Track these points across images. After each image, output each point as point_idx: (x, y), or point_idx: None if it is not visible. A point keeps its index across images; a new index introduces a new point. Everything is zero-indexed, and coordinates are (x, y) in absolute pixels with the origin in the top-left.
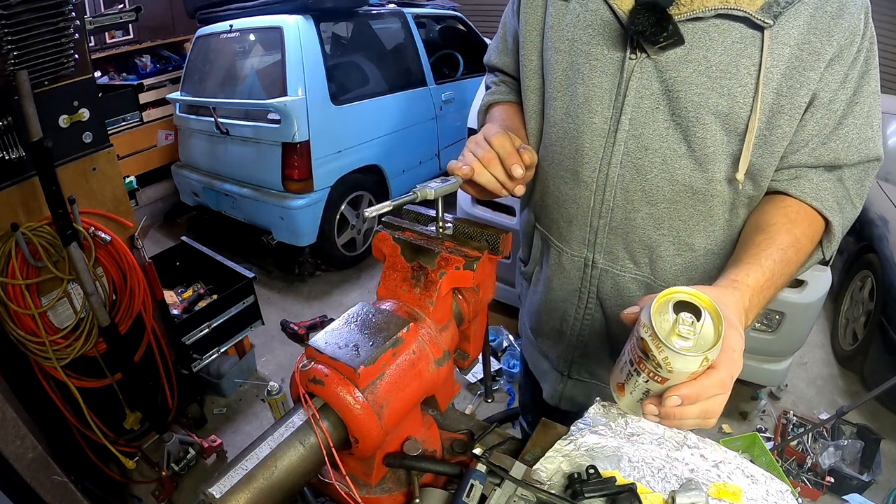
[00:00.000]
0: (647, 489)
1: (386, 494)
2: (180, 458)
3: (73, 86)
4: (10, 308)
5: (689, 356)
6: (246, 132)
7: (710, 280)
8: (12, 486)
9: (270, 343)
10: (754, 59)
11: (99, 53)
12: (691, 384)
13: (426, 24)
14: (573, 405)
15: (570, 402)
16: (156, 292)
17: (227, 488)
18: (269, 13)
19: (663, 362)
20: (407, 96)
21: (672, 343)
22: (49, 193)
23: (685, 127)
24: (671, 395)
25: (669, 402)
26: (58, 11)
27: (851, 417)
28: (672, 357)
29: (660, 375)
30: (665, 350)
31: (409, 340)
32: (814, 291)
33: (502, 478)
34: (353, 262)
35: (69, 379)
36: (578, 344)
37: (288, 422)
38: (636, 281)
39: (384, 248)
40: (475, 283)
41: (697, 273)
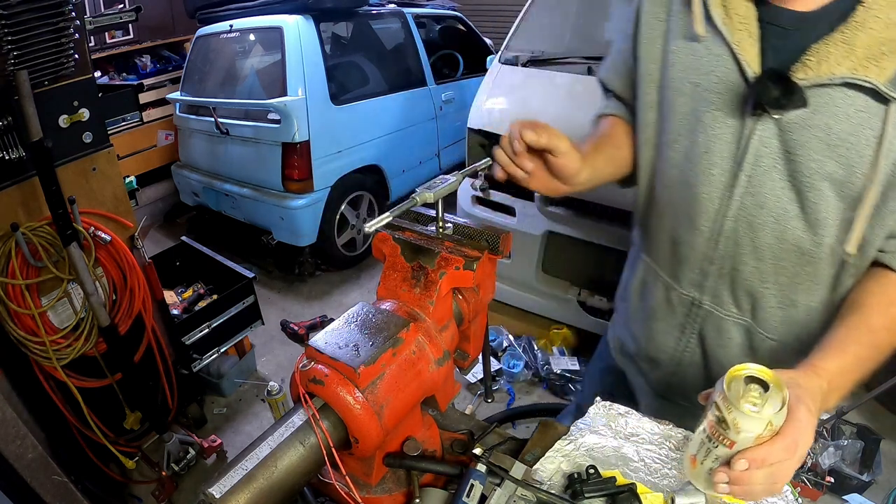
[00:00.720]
0: (647, 489)
1: (386, 494)
2: (180, 458)
3: (73, 86)
4: (10, 308)
5: (756, 418)
6: (246, 132)
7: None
8: (12, 486)
9: (270, 343)
10: (876, 130)
11: (99, 53)
12: (758, 448)
13: (426, 24)
14: None
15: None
16: (156, 292)
17: (227, 488)
18: (269, 13)
19: (732, 423)
20: (407, 96)
21: (741, 405)
22: (49, 193)
23: (799, 190)
24: (739, 458)
25: (738, 465)
26: (58, 11)
27: (851, 417)
28: (740, 418)
29: (728, 438)
30: (734, 411)
31: (409, 340)
32: None
33: (502, 478)
34: (353, 262)
35: (69, 379)
36: (678, 371)
37: (288, 422)
38: (738, 325)
39: (384, 248)
40: (475, 283)
41: (796, 327)
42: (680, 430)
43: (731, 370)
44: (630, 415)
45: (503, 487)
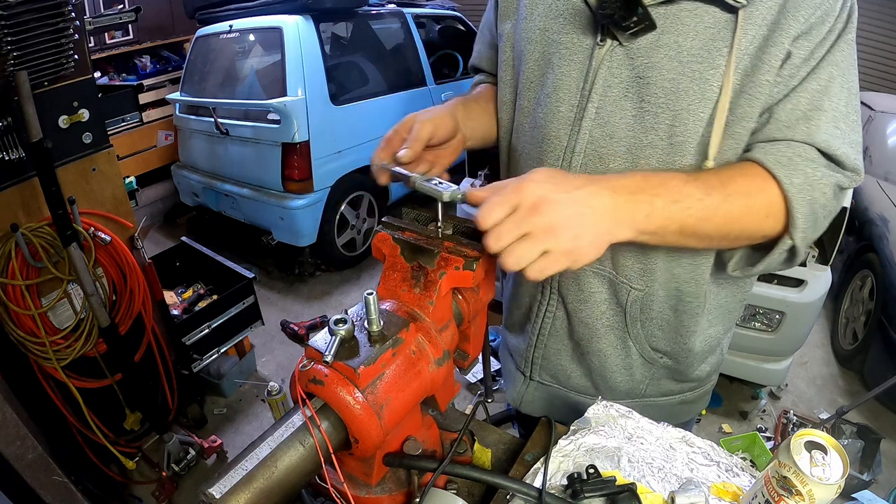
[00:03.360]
0: (647, 489)
1: (386, 494)
2: (180, 459)
3: (73, 86)
4: (10, 308)
5: (829, 485)
6: (246, 132)
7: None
8: (12, 486)
9: (270, 343)
10: (727, 41)
11: (99, 54)
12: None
13: (426, 24)
14: (533, 409)
15: (530, 405)
16: (156, 293)
17: (227, 488)
18: (268, 13)
19: (807, 495)
20: (407, 96)
21: (814, 476)
22: (49, 194)
23: (654, 114)
24: None
25: None
26: (58, 12)
27: (851, 417)
28: (815, 487)
29: None
30: (809, 483)
31: (409, 340)
32: (814, 291)
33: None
34: (353, 263)
35: (69, 379)
36: (538, 343)
37: (288, 422)
38: (597, 275)
39: (384, 248)
40: (475, 283)
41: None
42: (679, 430)
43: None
44: (630, 415)
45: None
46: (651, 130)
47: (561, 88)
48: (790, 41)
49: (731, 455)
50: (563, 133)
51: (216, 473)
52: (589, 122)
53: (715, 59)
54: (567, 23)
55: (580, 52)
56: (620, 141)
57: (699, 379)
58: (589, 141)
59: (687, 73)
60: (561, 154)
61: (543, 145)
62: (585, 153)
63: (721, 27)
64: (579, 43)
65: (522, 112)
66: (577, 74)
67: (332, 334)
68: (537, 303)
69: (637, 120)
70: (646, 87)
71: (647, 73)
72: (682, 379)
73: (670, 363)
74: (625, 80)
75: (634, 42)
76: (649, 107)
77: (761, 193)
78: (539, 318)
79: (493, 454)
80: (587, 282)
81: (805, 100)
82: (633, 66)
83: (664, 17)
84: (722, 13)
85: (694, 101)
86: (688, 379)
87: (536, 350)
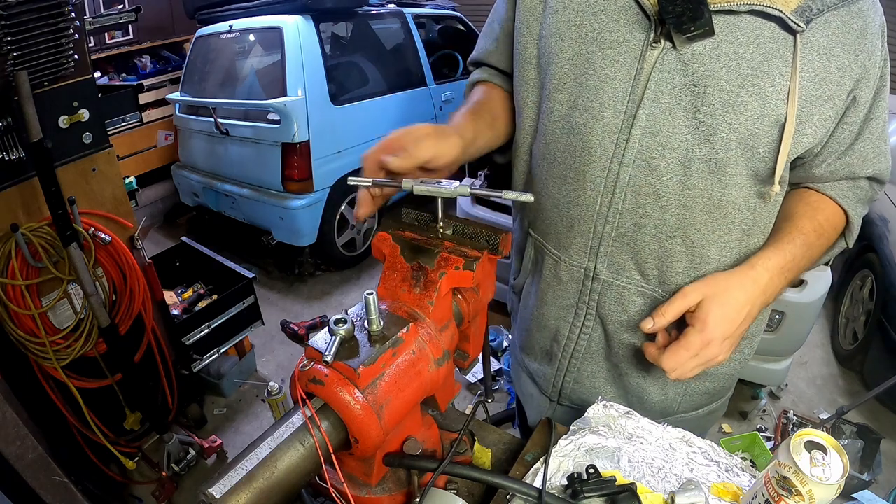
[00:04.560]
0: (647, 489)
1: (386, 494)
2: (180, 459)
3: (73, 86)
4: (10, 308)
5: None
6: (246, 132)
7: None
8: (12, 486)
9: (270, 343)
10: (787, 61)
11: (99, 54)
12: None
13: (426, 24)
14: None
15: None
16: (156, 293)
17: (227, 488)
18: (268, 13)
19: (807, 495)
20: (407, 96)
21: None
22: (49, 194)
23: (709, 126)
24: None
25: None
26: (58, 12)
27: (851, 417)
28: (815, 487)
29: None
30: (809, 483)
31: (408, 340)
32: (814, 291)
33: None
34: (353, 263)
35: (69, 379)
36: (571, 367)
37: (288, 422)
38: (642, 294)
39: (384, 248)
40: (475, 283)
41: None
42: (679, 431)
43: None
44: (630, 415)
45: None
46: (706, 142)
47: (605, 92)
48: (852, 83)
49: (731, 455)
50: (609, 141)
51: (216, 473)
52: (639, 131)
53: (774, 76)
54: (610, 20)
55: (627, 53)
56: (673, 152)
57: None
58: (639, 151)
59: (747, 86)
60: (607, 164)
61: (585, 154)
62: (635, 164)
63: (779, 44)
64: (626, 43)
65: (552, 116)
66: (623, 77)
67: (332, 334)
68: (569, 325)
69: (692, 130)
70: (702, 96)
71: (703, 81)
72: (711, 391)
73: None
74: (678, 87)
75: (689, 47)
76: (705, 118)
77: (836, 230)
78: (572, 342)
79: (493, 454)
80: (632, 301)
81: (870, 148)
82: (687, 73)
83: (723, 25)
84: (780, 31)
85: (752, 117)
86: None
87: (568, 374)
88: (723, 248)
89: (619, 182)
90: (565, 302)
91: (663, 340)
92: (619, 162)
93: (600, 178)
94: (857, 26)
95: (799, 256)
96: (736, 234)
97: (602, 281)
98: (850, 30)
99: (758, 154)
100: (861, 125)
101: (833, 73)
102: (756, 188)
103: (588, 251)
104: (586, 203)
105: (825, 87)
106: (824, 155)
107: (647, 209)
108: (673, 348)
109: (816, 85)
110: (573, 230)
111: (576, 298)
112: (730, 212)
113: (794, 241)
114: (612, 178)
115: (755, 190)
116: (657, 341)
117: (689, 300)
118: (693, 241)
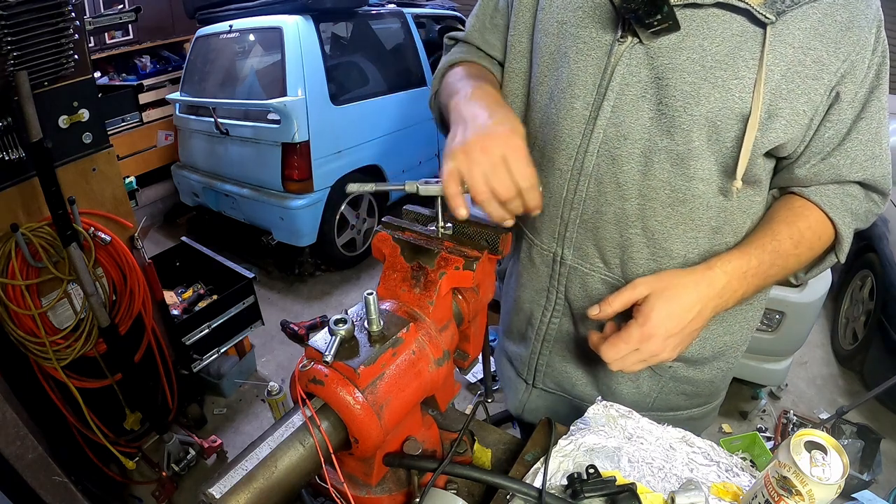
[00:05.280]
0: (647, 489)
1: (386, 494)
2: (180, 459)
3: (73, 86)
4: (10, 308)
5: (828, 485)
6: (246, 132)
7: None
8: (12, 486)
9: (270, 343)
10: (755, 54)
11: (99, 54)
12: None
13: (426, 24)
14: (536, 417)
15: (533, 413)
16: (156, 293)
17: (227, 488)
18: (268, 13)
19: (807, 495)
20: (407, 96)
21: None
22: (49, 194)
23: (671, 117)
24: None
25: None
26: (58, 12)
27: (851, 417)
28: (815, 487)
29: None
30: (809, 483)
31: (408, 340)
32: (814, 291)
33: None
34: (353, 263)
35: (69, 379)
36: (544, 350)
37: (288, 422)
38: (605, 283)
39: (384, 248)
40: (475, 283)
41: None
42: (679, 431)
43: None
44: (630, 415)
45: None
46: (667, 135)
47: (576, 84)
48: (834, 78)
49: (731, 455)
50: (577, 131)
51: (216, 473)
52: (604, 121)
53: (739, 69)
54: (586, 16)
55: (598, 48)
56: (635, 143)
57: (707, 393)
58: (603, 141)
59: (709, 78)
60: (573, 153)
61: (556, 143)
62: (598, 154)
63: (748, 38)
64: (598, 38)
65: (533, 107)
66: (593, 70)
67: (332, 334)
68: (541, 308)
69: (654, 122)
70: (665, 88)
71: (667, 74)
72: (690, 394)
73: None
74: (643, 80)
75: (655, 41)
76: (667, 109)
77: (821, 240)
78: (544, 324)
79: (493, 454)
80: (595, 288)
81: (860, 150)
82: (653, 67)
83: (690, 19)
84: (750, 24)
85: (714, 109)
86: (696, 394)
87: (541, 357)
88: (688, 243)
89: (584, 170)
90: (538, 285)
91: (609, 330)
92: (584, 151)
93: (567, 166)
94: (840, 18)
95: (767, 263)
96: (704, 230)
97: (568, 266)
98: (832, 22)
99: (725, 148)
100: (850, 125)
101: (809, 67)
102: (724, 184)
103: (556, 236)
104: (554, 189)
105: (799, 80)
106: (807, 155)
107: (608, 197)
108: (612, 339)
109: (788, 79)
110: (544, 215)
111: (546, 282)
112: (696, 207)
113: (764, 247)
114: (578, 167)
115: (723, 186)
116: (604, 331)
117: (637, 292)
118: (654, 233)
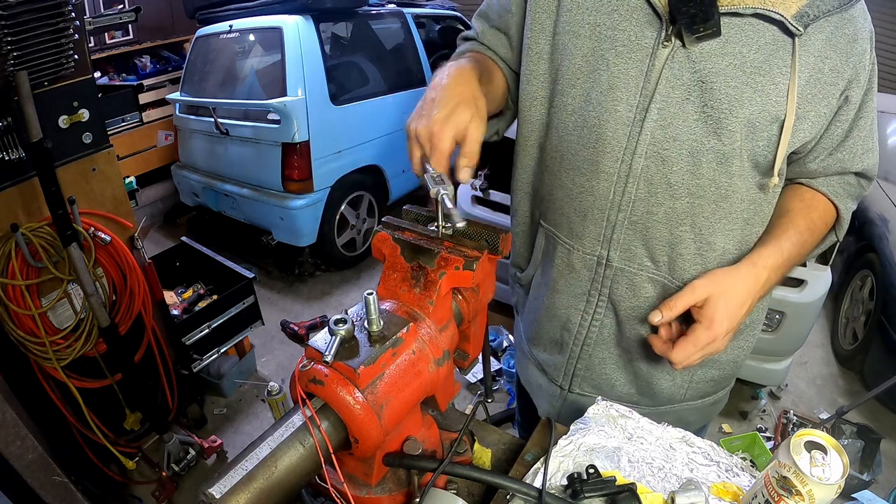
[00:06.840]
0: (647, 489)
1: (386, 494)
2: (180, 459)
3: (73, 86)
4: (10, 308)
5: (828, 485)
6: (246, 132)
7: None
8: (12, 486)
9: (270, 343)
10: (786, 62)
11: (99, 54)
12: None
13: (426, 24)
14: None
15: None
16: (156, 293)
17: (227, 488)
18: (268, 13)
19: (807, 495)
20: (407, 96)
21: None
22: (49, 194)
23: (716, 119)
24: None
25: None
26: (58, 12)
27: (851, 417)
28: (815, 487)
29: None
30: (809, 483)
31: (409, 340)
32: (814, 291)
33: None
34: (353, 263)
35: (69, 379)
36: (583, 355)
37: (288, 422)
38: (653, 281)
39: (384, 248)
40: (475, 283)
41: None
42: (679, 431)
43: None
44: (630, 415)
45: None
46: (714, 135)
47: (618, 87)
48: (845, 84)
49: (731, 455)
50: (622, 134)
51: (216, 473)
52: (651, 124)
53: (776, 75)
54: (623, 19)
55: (639, 51)
56: (683, 144)
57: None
58: (651, 142)
59: (750, 83)
60: (620, 155)
61: (599, 146)
62: (647, 155)
63: (779, 46)
64: (637, 41)
65: (565, 110)
66: (635, 73)
67: (332, 334)
68: (580, 312)
69: (699, 123)
70: (709, 91)
71: (710, 78)
72: (717, 379)
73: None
74: (686, 83)
75: (697, 46)
76: (712, 112)
77: (828, 226)
78: (584, 328)
79: (493, 454)
80: (643, 287)
81: (860, 144)
82: (696, 70)
83: (728, 26)
84: (780, 34)
85: (755, 112)
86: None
87: (580, 361)
88: (727, 235)
89: (632, 172)
90: (577, 290)
91: (666, 333)
92: (633, 153)
93: (614, 169)
94: (848, 32)
95: (794, 254)
96: (739, 223)
97: (615, 268)
98: (842, 35)
99: (758, 147)
100: (851, 123)
101: (827, 74)
102: (757, 180)
103: (601, 239)
104: (600, 193)
105: (820, 86)
106: (818, 151)
107: (659, 198)
108: (682, 343)
109: (812, 84)
110: (586, 219)
111: (588, 286)
112: (735, 201)
113: (791, 240)
114: (626, 169)
115: (757, 181)
116: (660, 333)
117: (696, 295)
118: (701, 229)
